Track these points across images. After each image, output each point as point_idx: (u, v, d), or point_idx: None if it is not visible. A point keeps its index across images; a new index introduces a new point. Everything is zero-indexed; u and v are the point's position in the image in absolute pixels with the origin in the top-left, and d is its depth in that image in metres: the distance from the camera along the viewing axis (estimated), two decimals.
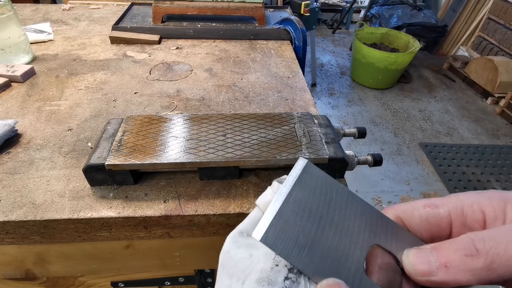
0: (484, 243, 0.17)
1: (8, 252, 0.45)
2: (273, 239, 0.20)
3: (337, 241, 0.20)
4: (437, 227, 0.21)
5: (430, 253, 0.19)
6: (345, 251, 0.20)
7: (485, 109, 2.53)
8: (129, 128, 0.45)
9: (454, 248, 0.18)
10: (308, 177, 0.22)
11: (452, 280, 0.18)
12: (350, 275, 0.20)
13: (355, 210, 0.21)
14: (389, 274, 0.21)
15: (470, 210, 0.20)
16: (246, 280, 0.20)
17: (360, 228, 0.21)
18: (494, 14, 2.76)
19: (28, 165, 0.46)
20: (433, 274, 0.18)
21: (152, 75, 0.70)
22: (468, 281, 0.17)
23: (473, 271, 0.17)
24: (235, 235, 0.24)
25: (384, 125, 2.32)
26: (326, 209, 0.21)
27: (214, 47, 0.84)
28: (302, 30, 0.85)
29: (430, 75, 2.98)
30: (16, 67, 0.66)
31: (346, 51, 3.36)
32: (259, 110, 0.60)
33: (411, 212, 0.21)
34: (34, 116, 0.55)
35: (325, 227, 0.20)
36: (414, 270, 0.19)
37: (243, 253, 0.22)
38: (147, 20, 0.92)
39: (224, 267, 0.23)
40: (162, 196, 0.42)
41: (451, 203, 0.21)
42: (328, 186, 0.22)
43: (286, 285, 0.19)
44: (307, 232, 0.20)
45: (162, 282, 0.56)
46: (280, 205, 0.20)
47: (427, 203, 0.21)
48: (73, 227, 0.40)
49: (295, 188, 0.21)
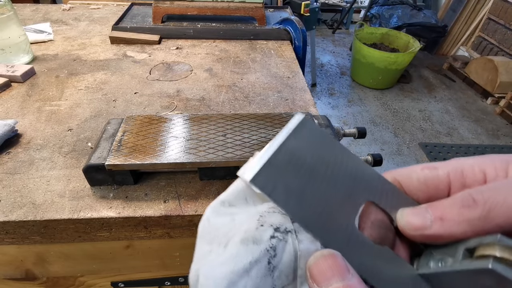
0: (482, 194, 0.16)
1: (8, 252, 0.45)
2: (263, 180, 0.19)
3: (329, 194, 0.20)
4: (435, 189, 0.20)
5: (425, 209, 0.18)
6: (337, 204, 0.20)
7: (485, 109, 2.53)
8: (129, 128, 0.45)
9: (450, 202, 0.17)
10: (304, 131, 0.21)
11: (447, 233, 0.17)
12: (340, 228, 0.19)
13: (352, 168, 0.21)
14: (381, 231, 0.20)
15: (470, 171, 0.19)
16: (229, 243, 0.19)
17: (355, 185, 0.20)
18: (494, 14, 2.76)
19: (28, 165, 0.45)
20: (427, 228, 0.17)
21: (152, 75, 0.70)
22: (464, 233, 0.16)
23: (469, 221, 0.16)
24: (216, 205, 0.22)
25: (384, 125, 2.32)
26: (320, 163, 0.20)
27: (214, 47, 0.84)
28: (302, 30, 0.84)
29: (430, 75, 2.98)
30: (16, 67, 0.66)
31: (346, 51, 3.36)
32: (259, 110, 0.60)
33: (409, 174, 0.21)
34: (34, 116, 0.55)
35: (318, 180, 0.20)
36: (408, 225, 0.18)
37: (224, 219, 0.21)
38: (147, 20, 0.92)
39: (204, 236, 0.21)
40: (162, 196, 0.42)
41: (450, 165, 0.20)
42: (325, 142, 0.21)
43: (272, 243, 0.18)
44: (298, 181, 0.19)
45: (162, 282, 0.56)
46: (272, 152, 0.19)
47: (426, 166, 0.20)
48: (73, 227, 0.40)
49: (289, 139, 0.20)
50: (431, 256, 0.19)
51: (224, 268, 0.18)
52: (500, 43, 2.72)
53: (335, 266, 0.16)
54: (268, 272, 0.18)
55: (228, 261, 0.18)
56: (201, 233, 0.22)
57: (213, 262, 0.19)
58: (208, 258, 0.20)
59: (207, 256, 0.20)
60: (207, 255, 0.20)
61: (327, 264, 0.17)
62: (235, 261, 0.18)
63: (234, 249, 0.19)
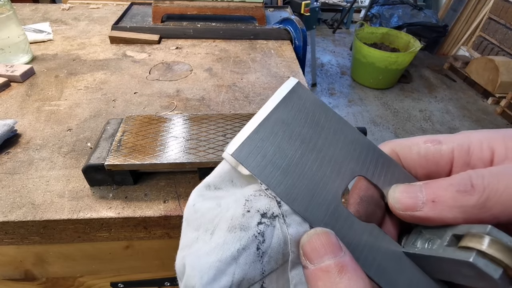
0: (482, 179, 0.15)
1: (7, 253, 0.45)
2: (246, 154, 0.18)
3: (317, 167, 0.19)
4: (435, 165, 0.18)
5: (420, 188, 0.17)
6: (324, 178, 0.19)
7: (486, 109, 2.52)
8: (129, 128, 0.45)
9: (447, 183, 0.16)
10: (295, 97, 0.19)
11: (436, 217, 0.16)
12: (327, 206, 0.18)
13: (345, 138, 0.19)
14: (369, 207, 0.19)
15: (478, 148, 0.17)
16: (216, 230, 0.19)
17: (346, 157, 0.19)
18: (494, 14, 2.76)
19: (27, 165, 0.45)
20: (417, 209, 0.16)
21: (152, 75, 0.70)
22: (454, 219, 0.16)
23: (463, 208, 0.15)
24: (201, 189, 0.22)
25: (385, 125, 2.32)
26: (311, 133, 0.19)
27: (214, 47, 0.83)
28: (302, 30, 0.84)
29: (431, 75, 2.98)
30: (16, 67, 0.65)
31: (346, 51, 3.36)
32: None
33: (409, 147, 0.19)
34: (34, 116, 0.55)
35: (306, 151, 0.19)
36: (397, 203, 0.17)
37: (210, 203, 0.20)
38: (146, 19, 0.92)
39: (189, 221, 0.21)
40: (162, 197, 0.42)
41: (456, 139, 0.18)
42: (317, 109, 0.19)
43: (260, 229, 0.18)
44: (284, 153, 0.18)
45: (161, 283, 0.55)
46: (259, 122, 0.19)
47: (429, 139, 0.19)
48: (73, 228, 0.40)
49: (279, 107, 0.19)
50: (420, 235, 0.19)
51: (211, 257, 0.17)
52: (501, 43, 2.71)
53: (328, 244, 0.16)
54: (257, 258, 0.18)
55: (215, 250, 0.18)
56: (187, 219, 0.21)
57: (200, 251, 0.18)
58: (194, 246, 0.19)
59: (194, 244, 0.20)
60: (194, 242, 0.20)
61: (320, 241, 0.16)
62: (223, 249, 0.18)
63: (221, 237, 0.18)
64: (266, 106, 0.19)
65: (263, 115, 0.19)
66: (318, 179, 0.19)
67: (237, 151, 0.18)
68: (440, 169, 0.18)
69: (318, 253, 0.16)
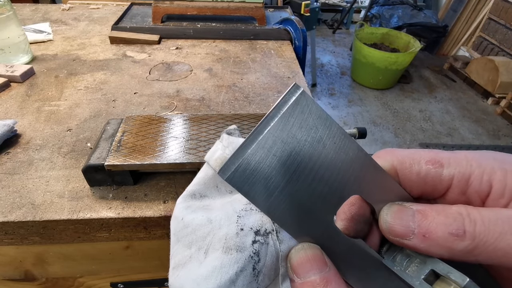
0: (475, 227, 0.15)
1: (7, 253, 0.45)
2: (240, 179, 0.17)
3: (314, 187, 0.18)
4: (432, 188, 0.18)
5: (412, 216, 0.17)
6: (320, 199, 0.18)
7: (486, 110, 2.52)
8: (129, 129, 0.45)
9: (441, 220, 0.16)
10: (298, 111, 0.18)
11: (424, 250, 0.16)
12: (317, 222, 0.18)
13: (345, 156, 0.18)
14: (359, 225, 0.19)
15: (477, 180, 0.17)
16: (210, 250, 0.19)
17: (345, 176, 0.18)
18: (494, 14, 2.76)
19: (27, 165, 0.45)
20: (407, 238, 0.17)
21: (152, 75, 0.70)
22: (440, 255, 0.16)
23: (451, 250, 0.16)
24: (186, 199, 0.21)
25: (385, 125, 2.32)
26: (311, 152, 0.18)
27: (214, 47, 0.83)
28: (302, 30, 0.84)
29: (431, 75, 2.98)
30: (16, 67, 0.65)
31: (346, 51, 3.36)
32: (259, 110, 0.60)
33: (409, 165, 0.19)
34: (34, 116, 0.55)
35: (304, 172, 0.18)
36: (389, 230, 0.18)
37: (200, 218, 0.20)
38: (146, 20, 0.92)
39: (179, 237, 0.20)
40: (161, 197, 0.42)
41: (458, 165, 0.18)
42: (320, 125, 0.18)
43: (255, 249, 0.18)
44: (281, 176, 0.18)
45: (161, 283, 0.55)
46: (257, 142, 0.17)
47: (432, 159, 0.18)
48: (73, 228, 0.40)
49: (279, 124, 0.17)
50: (401, 251, 0.19)
51: (210, 282, 0.18)
52: (500, 43, 2.71)
53: (314, 259, 0.17)
54: (253, 278, 0.18)
55: (213, 274, 0.18)
56: (176, 234, 0.21)
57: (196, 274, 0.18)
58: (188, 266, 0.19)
59: (188, 263, 0.20)
60: (187, 261, 0.20)
61: (306, 257, 0.17)
62: (221, 273, 0.18)
63: (217, 259, 0.18)
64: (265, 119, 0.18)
65: (262, 133, 0.17)
66: (314, 200, 0.18)
67: (231, 175, 0.17)
68: (435, 192, 0.19)
69: (305, 268, 0.17)
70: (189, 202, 0.21)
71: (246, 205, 0.19)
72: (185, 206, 0.21)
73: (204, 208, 0.20)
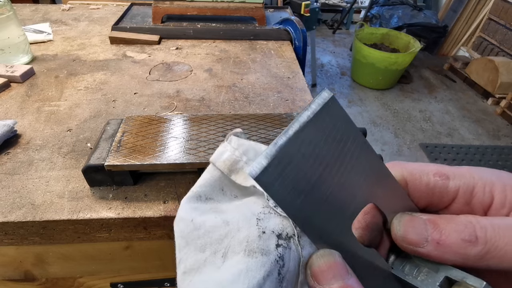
0: (486, 232, 0.16)
1: (7, 253, 0.44)
2: (270, 179, 0.16)
3: (336, 193, 0.18)
4: (438, 198, 0.20)
5: (425, 225, 0.18)
6: (340, 205, 0.18)
7: (486, 110, 2.52)
8: (129, 129, 0.45)
9: (453, 228, 0.17)
10: (326, 116, 0.18)
11: (438, 257, 0.17)
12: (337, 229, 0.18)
13: (365, 164, 0.19)
14: (373, 233, 0.20)
15: (481, 191, 0.19)
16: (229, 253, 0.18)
17: (363, 184, 0.19)
18: (494, 15, 2.76)
19: (27, 165, 0.45)
20: (421, 246, 0.17)
21: (152, 76, 0.70)
22: (453, 262, 0.17)
23: (465, 256, 0.16)
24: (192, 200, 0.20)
25: (385, 125, 2.32)
26: (336, 157, 0.18)
27: (214, 47, 0.83)
28: (302, 30, 0.84)
29: (431, 75, 2.98)
30: (16, 68, 0.65)
31: (346, 52, 3.36)
32: (259, 110, 0.60)
33: (419, 177, 0.20)
34: (34, 116, 0.55)
35: (328, 177, 0.18)
36: (403, 238, 0.18)
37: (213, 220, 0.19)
38: (146, 20, 0.92)
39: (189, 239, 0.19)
40: (161, 197, 0.42)
41: (463, 178, 0.19)
42: (346, 131, 0.18)
43: (280, 253, 0.17)
44: (307, 178, 0.17)
45: (161, 283, 0.55)
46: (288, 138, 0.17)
47: (438, 172, 0.20)
48: (73, 228, 0.40)
49: (309, 126, 0.17)
50: (410, 261, 0.19)
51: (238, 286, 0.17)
52: (500, 43, 2.71)
53: (335, 267, 0.17)
54: (278, 284, 0.17)
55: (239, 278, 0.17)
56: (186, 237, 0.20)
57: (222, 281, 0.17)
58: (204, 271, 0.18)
59: (202, 267, 0.19)
60: (202, 265, 0.19)
61: (327, 264, 0.17)
62: (248, 277, 0.17)
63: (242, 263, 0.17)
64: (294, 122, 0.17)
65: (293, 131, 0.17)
66: (335, 206, 0.18)
67: (260, 175, 0.16)
68: (441, 203, 0.20)
69: (327, 275, 0.17)
70: (195, 204, 0.20)
71: (264, 208, 0.19)
72: (193, 208, 0.20)
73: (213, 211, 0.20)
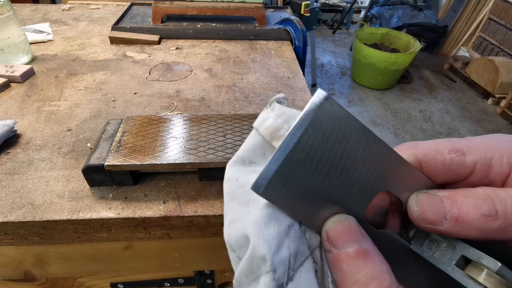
0: (505, 206, 0.16)
1: (7, 253, 0.44)
2: (274, 193, 0.17)
3: (344, 190, 0.18)
4: (456, 175, 0.19)
5: (442, 202, 0.17)
6: (350, 200, 0.19)
7: (486, 110, 2.52)
8: (129, 129, 0.45)
9: (471, 203, 0.17)
10: (324, 116, 0.18)
11: (457, 234, 0.17)
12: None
13: (372, 154, 0.19)
14: (376, 216, 0.20)
15: (498, 162, 0.18)
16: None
17: (372, 175, 0.19)
18: (494, 15, 2.76)
19: (27, 165, 0.45)
20: (440, 224, 0.17)
21: (152, 76, 0.70)
22: (473, 237, 0.17)
23: (485, 231, 0.16)
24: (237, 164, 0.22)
25: (385, 125, 2.32)
26: (339, 156, 0.18)
27: (214, 47, 0.83)
28: (302, 30, 0.84)
29: (431, 75, 2.98)
30: (15, 68, 0.65)
31: (346, 52, 3.36)
32: (259, 110, 0.60)
33: (433, 156, 0.19)
34: (33, 116, 0.55)
35: (334, 176, 0.18)
36: (421, 217, 0.18)
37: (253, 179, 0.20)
38: (146, 20, 0.92)
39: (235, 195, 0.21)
40: (161, 197, 0.42)
41: (479, 151, 0.18)
42: (347, 127, 0.18)
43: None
44: (312, 184, 0.18)
45: (161, 283, 0.55)
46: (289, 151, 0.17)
47: (453, 148, 0.19)
48: (72, 228, 0.40)
49: (307, 131, 0.18)
50: (428, 237, 0.20)
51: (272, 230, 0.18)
52: (500, 43, 2.71)
53: (350, 230, 0.17)
54: (301, 233, 0.19)
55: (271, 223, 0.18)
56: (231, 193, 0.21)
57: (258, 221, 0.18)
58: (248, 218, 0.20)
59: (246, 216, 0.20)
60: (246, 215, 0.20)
61: (343, 228, 0.17)
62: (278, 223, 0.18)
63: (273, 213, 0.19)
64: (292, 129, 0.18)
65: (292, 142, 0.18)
66: (344, 202, 0.19)
67: (265, 189, 0.17)
68: (459, 178, 0.19)
69: (342, 239, 0.17)
70: (239, 167, 0.22)
71: None
72: (238, 169, 0.22)
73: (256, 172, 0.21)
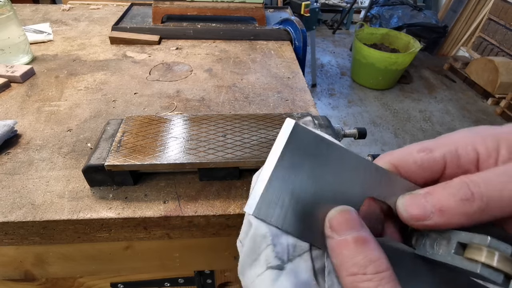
0: (479, 187, 0.17)
1: (7, 253, 0.45)
2: (265, 211, 0.20)
3: (330, 201, 0.20)
4: (430, 172, 0.21)
5: (424, 198, 0.19)
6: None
7: (486, 110, 2.52)
8: (129, 129, 0.45)
9: (449, 192, 0.18)
10: (298, 139, 0.20)
11: (445, 223, 0.18)
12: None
13: (349, 166, 0.21)
14: (371, 223, 0.21)
15: (464, 151, 0.20)
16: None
17: (354, 184, 0.21)
18: (494, 15, 2.76)
19: (27, 165, 0.45)
20: (428, 219, 0.18)
21: (152, 76, 0.70)
22: (460, 224, 0.18)
23: (468, 214, 0.17)
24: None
25: (385, 125, 2.32)
26: (319, 171, 0.21)
27: (214, 47, 0.83)
28: (302, 30, 0.84)
29: (431, 75, 2.98)
30: (16, 68, 0.65)
31: (346, 52, 3.36)
32: (259, 110, 0.60)
33: (405, 158, 0.21)
34: (34, 116, 0.55)
35: (318, 189, 0.20)
36: (409, 216, 0.19)
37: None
38: (147, 20, 0.92)
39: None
40: (161, 197, 0.42)
41: (445, 145, 0.21)
42: (320, 145, 0.21)
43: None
44: (299, 197, 0.20)
45: (161, 283, 0.55)
46: (270, 174, 0.20)
47: (421, 148, 0.21)
48: (73, 228, 0.40)
49: (285, 154, 0.20)
50: (427, 237, 0.21)
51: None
52: (500, 43, 2.71)
53: (351, 220, 0.19)
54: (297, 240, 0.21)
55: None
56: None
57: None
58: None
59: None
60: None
61: (344, 217, 0.19)
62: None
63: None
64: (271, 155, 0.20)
65: (272, 166, 0.20)
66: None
67: (256, 210, 0.20)
68: (434, 174, 0.21)
69: (343, 227, 0.19)
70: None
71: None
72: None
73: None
